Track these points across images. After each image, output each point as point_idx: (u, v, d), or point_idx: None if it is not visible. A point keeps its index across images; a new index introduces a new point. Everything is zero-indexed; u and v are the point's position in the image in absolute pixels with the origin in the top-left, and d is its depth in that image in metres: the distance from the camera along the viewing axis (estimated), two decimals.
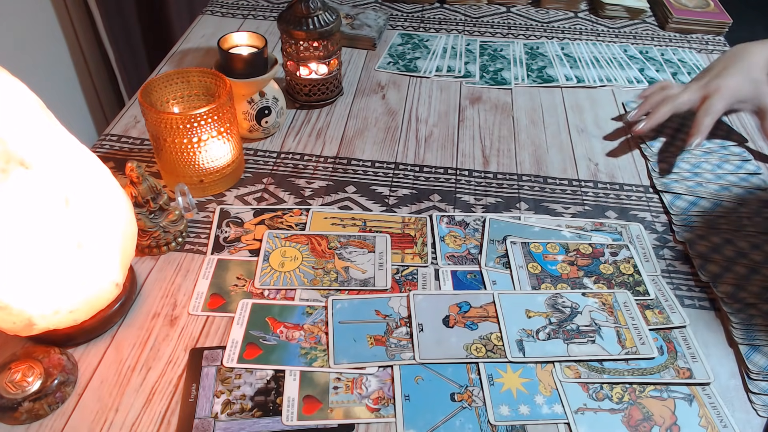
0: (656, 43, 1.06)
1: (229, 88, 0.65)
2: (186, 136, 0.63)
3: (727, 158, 0.78)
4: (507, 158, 0.79)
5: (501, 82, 0.94)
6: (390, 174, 0.76)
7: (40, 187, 0.43)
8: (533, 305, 0.59)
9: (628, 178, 0.76)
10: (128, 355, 0.54)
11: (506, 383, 0.53)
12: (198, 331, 0.57)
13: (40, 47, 1.10)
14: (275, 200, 0.71)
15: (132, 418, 0.50)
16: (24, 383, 0.49)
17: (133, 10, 1.25)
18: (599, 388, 0.53)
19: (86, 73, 1.25)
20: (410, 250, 0.65)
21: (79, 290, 0.48)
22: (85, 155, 0.49)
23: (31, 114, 0.44)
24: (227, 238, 0.66)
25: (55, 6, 1.12)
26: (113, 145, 0.78)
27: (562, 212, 0.71)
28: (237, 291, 0.60)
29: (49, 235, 0.44)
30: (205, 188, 0.70)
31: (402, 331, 0.57)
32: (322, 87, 0.84)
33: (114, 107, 1.35)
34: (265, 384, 0.52)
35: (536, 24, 1.11)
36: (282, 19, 0.78)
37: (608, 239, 0.67)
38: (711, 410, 0.51)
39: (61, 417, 0.49)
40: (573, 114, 0.88)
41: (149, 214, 0.61)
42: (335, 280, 0.61)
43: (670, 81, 0.90)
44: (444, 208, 0.71)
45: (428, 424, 0.50)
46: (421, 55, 0.99)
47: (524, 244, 0.66)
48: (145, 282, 0.61)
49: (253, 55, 0.73)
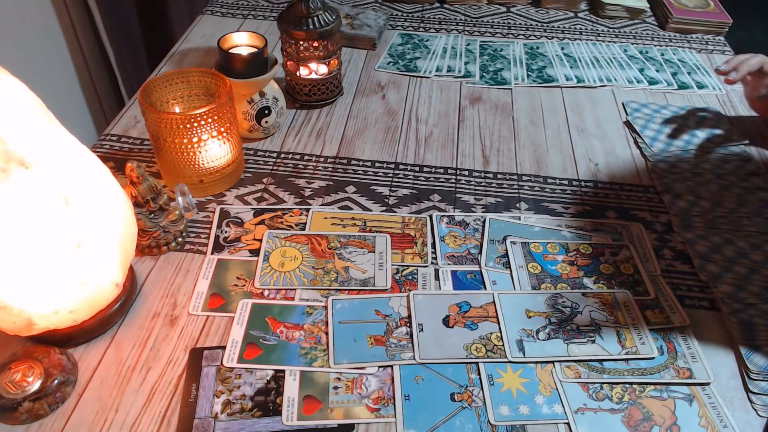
0: (656, 43, 1.06)
1: (229, 88, 0.65)
2: (186, 136, 0.63)
3: (727, 158, 0.78)
4: (507, 158, 0.79)
5: (501, 82, 0.94)
6: (390, 174, 0.76)
7: (40, 187, 0.43)
8: (533, 305, 0.59)
9: (628, 178, 0.76)
10: (128, 355, 0.54)
11: (506, 383, 0.53)
12: (198, 331, 0.57)
13: (40, 47, 1.10)
14: (275, 200, 0.71)
15: (132, 418, 0.50)
16: (24, 383, 0.49)
17: (133, 10, 1.24)
18: (599, 388, 0.53)
19: (86, 73, 1.25)
20: (410, 250, 0.65)
21: (79, 290, 0.48)
22: (85, 155, 0.49)
23: (31, 114, 0.44)
24: (227, 238, 0.66)
25: (55, 6, 1.12)
26: (113, 145, 0.78)
27: (562, 212, 0.71)
28: (237, 291, 0.60)
29: (49, 235, 0.44)
30: (205, 188, 0.70)
31: (402, 331, 0.57)
32: (322, 87, 0.84)
33: (114, 107, 1.35)
34: (265, 384, 0.52)
35: (536, 24, 1.11)
36: (282, 19, 0.78)
37: (608, 239, 0.67)
38: (711, 410, 0.51)
39: (61, 417, 0.49)
40: (573, 114, 0.88)
41: (149, 214, 0.61)
42: (335, 280, 0.61)
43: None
44: (444, 208, 0.71)
45: (428, 424, 0.50)
46: (421, 55, 0.99)
47: (524, 244, 0.66)
48: (145, 282, 0.61)
49: (253, 55, 0.73)
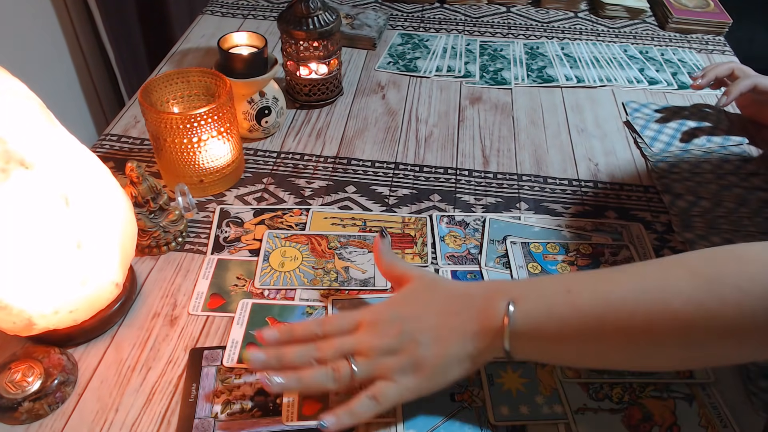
0: (656, 43, 1.06)
1: (229, 88, 0.65)
2: (186, 136, 0.63)
3: (727, 158, 0.78)
4: (507, 158, 0.79)
5: (501, 82, 0.94)
6: (390, 174, 0.76)
7: (40, 187, 0.43)
8: None
9: (628, 178, 0.76)
10: (128, 355, 0.54)
11: (506, 383, 0.53)
12: (198, 331, 0.57)
13: (40, 47, 1.10)
14: (275, 200, 0.71)
15: (132, 418, 0.50)
16: (24, 383, 0.49)
17: (133, 10, 1.24)
18: (599, 388, 0.53)
19: (86, 73, 1.25)
20: (410, 250, 0.65)
21: (79, 290, 0.48)
22: (85, 155, 0.49)
23: (31, 114, 0.44)
24: (227, 238, 0.66)
25: (55, 6, 1.12)
26: (113, 145, 0.78)
27: (562, 212, 0.71)
28: (237, 291, 0.60)
29: (49, 235, 0.44)
30: (205, 188, 0.70)
31: None
32: (322, 87, 0.84)
33: (114, 107, 1.35)
34: None
35: (536, 24, 1.11)
36: (282, 19, 0.78)
37: (608, 239, 0.67)
38: (711, 410, 0.51)
39: (61, 417, 0.49)
40: (573, 114, 0.88)
41: (149, 214, 0.61)
42: (335, 280, 0.61)
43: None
44: (444, 208, 0.71)
45: (428, 424, 0.50)
46: (421, 55, 0.99)
47: (524, 244, 0.66)
48: (145, 282, 0.61)
49: (253, 55, 0.73)
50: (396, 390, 0.46)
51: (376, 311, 0.49)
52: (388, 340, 0.47)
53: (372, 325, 0.48)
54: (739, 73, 0.80)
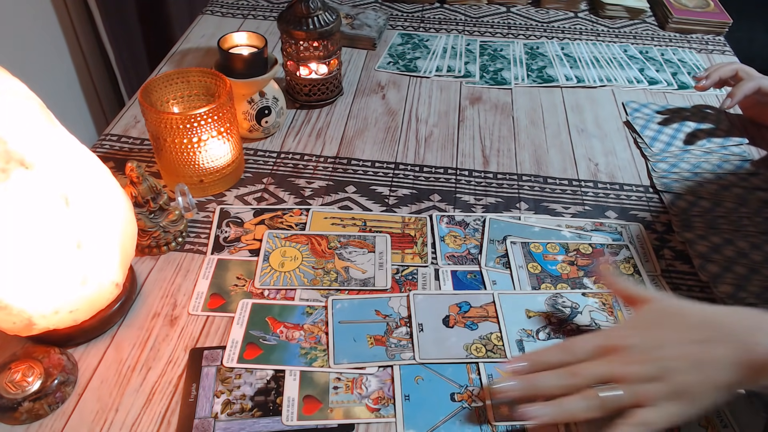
0: (656, 43, 1.06)
1: (229, 88, 0.65)
2: (186, 136, 0.63)
3: (727, 158, 0.78)
4: (507, 158, 0.79)
5: (501, 82, 0.94)
6: (390, 174, 0.76)
7: (40, 187, 0.43)
8: (533, 305, 0.59)
9: (628, 178, 0.76)
10: (128, 355, 0.54)
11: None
12: (198, 331, 0.57)
13: (40, 47, 1.10)
14: (275, 200, 0.71)
15: (132, 418, 0.50)
16: (24, 383, 0.49)
17: (133, 10, 1.24)
18: None
19: (86, 73, 1.25)
20: (410, 250, 0.65)
21: (79, 290, 0.48)
22: (85, 155, 0.49)
23: (31, 114, 0.44)
24: (227, 238, 0.66)
25: (55, 6, 1.12)
26: (113, 145, 0.78)
27: (562, 212, 0.71)
28: (237, 291, 0.60)
29: (49, 235, 0.44)
30: (205, 188, 0.70)
31: (402, 331, 0.57)
32: (322, 87, 0.84)
33: (114, 107, 1.35)
34: (265, 384, 0.52)
35: (536, 24, 1.11)
36: (282, 19, 0.78)
37: (608, 239, 0.67)
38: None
39: (61, 417, 0.49)
40: (573, 114, 0.88)
41: (149, 214, 0.61)
42: (335, 280, 0.61)
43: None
44: (444, 208, 0.71)
45: (428, 424, 0.50)
46: (421, 55, 0.99)
47: (524, 244, 0.66)
48: (145, 282, 0.61)
49: (253, 55, 0.73)
50: (660, 417, 0.44)
51: (624, 336, 0.48)
52: (647, 366, 0.45)
53: (624, 351, 0.47)
54: (743, 75, 0.80)
